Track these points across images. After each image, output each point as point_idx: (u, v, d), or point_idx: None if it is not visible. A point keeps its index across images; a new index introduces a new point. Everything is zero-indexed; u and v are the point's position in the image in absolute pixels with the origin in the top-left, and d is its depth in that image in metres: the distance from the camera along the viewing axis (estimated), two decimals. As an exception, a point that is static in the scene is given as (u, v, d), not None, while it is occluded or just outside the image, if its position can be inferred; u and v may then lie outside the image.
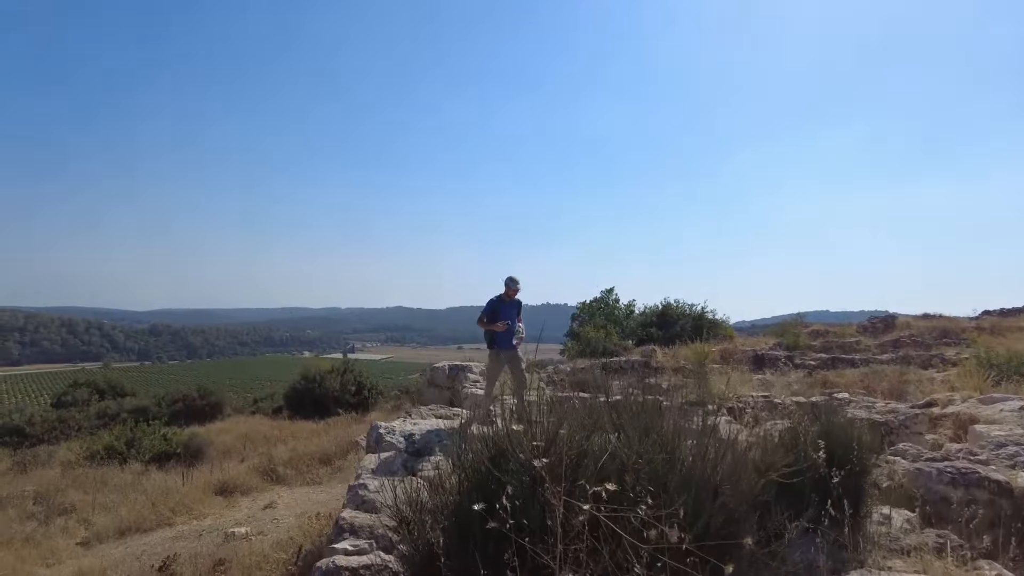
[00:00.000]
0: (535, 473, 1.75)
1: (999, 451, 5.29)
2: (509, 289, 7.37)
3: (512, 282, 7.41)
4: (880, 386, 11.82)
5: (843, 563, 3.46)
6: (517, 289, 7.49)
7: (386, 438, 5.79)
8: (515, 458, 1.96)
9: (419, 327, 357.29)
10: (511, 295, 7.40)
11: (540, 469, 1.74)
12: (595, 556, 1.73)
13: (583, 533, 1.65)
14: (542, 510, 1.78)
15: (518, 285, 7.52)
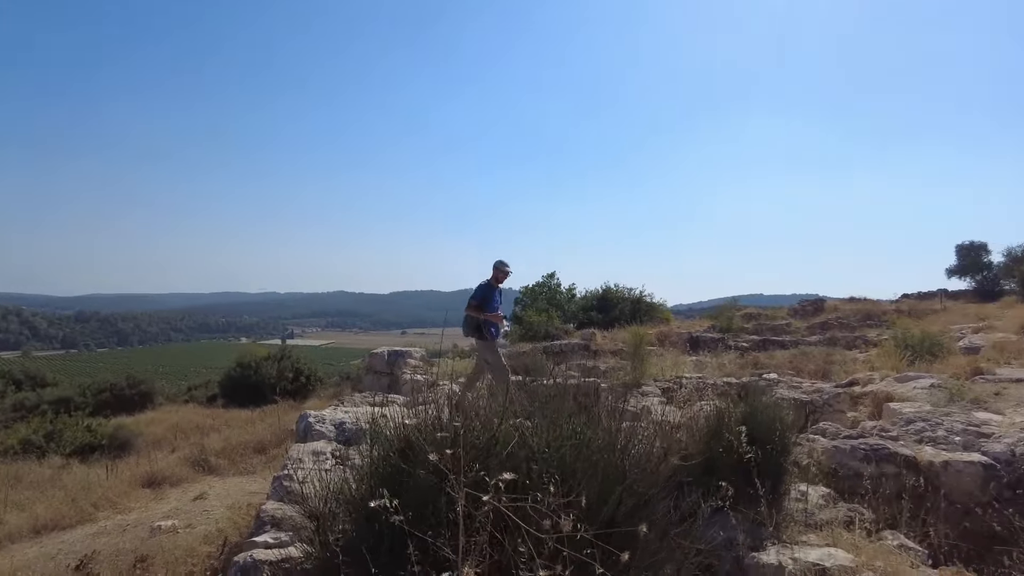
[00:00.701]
0: (438, 465, 1.72)
1: (908, 427, 5.57)
2: (499, 273, 6.80)
3: (503, 266, 6.82)
4: (808, 367, 12.32)
5: (760, 539, 3.58)
6: (508, 274, 6.90)
7: (315, 427, 5.67)
8: (421, 450, 1.93)
9: (362, 312, 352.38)
10: (501, 280, 6.85)
11: (441, 461, 1.71)
12: (499, 548, 1.72)
13: (486, 525, 1.63)
14: (448, 502, 1.76)
15: (510, 269, 6.91)
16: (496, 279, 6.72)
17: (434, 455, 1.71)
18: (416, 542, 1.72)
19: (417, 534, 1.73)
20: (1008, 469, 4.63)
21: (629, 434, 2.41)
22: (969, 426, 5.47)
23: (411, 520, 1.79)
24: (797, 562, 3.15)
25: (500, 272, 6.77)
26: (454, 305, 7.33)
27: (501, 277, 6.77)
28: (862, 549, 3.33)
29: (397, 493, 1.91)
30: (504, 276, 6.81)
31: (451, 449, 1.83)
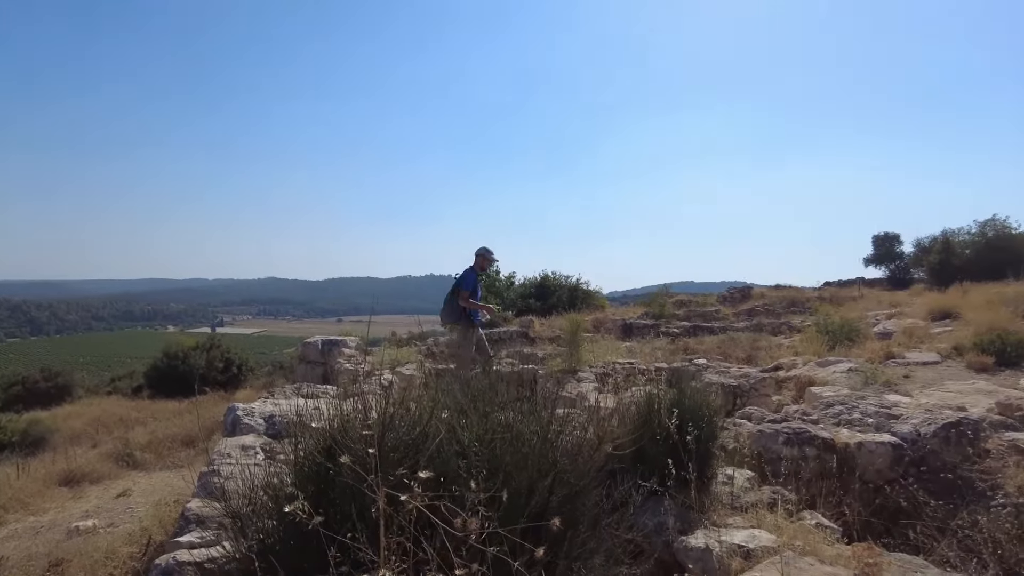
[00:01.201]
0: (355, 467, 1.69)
1: (827, 410, 5.86)
2: (484, 260, 6.89)
3: (489, 253, 6.93)
4: (735, 352, 12.76)
5: (689, 523, 3.69)
6: (493, 261, 7.04)
7: (244, 420, 5.49)
8: (346, 448, 1.89)
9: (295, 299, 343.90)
10: (485, 267, 6.97)
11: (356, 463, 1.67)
12: (422, 547, 1.70)
13: (408, 524, 1.61)
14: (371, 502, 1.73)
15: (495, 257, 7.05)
16: (480, 266, 6.85)
17: (346, 457, 1.67)
18: (338, 543, 1.68)
19: (336, 535, 1.70)
20: (914, 448, 4.94)
21: (562, 424, 2.43)
22: (881, 408, 5.79)
23: (335, 520, 1.76)
24: (723, 544, 3.26)
25: (484, 259, 6.88)
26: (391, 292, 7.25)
27: (485, 264, 6.93)
28: (784, 529, 3.49)
29: (322, 492, 1.87)
30: (488, 264, 6.96)
31: (374, 448, 1.80)
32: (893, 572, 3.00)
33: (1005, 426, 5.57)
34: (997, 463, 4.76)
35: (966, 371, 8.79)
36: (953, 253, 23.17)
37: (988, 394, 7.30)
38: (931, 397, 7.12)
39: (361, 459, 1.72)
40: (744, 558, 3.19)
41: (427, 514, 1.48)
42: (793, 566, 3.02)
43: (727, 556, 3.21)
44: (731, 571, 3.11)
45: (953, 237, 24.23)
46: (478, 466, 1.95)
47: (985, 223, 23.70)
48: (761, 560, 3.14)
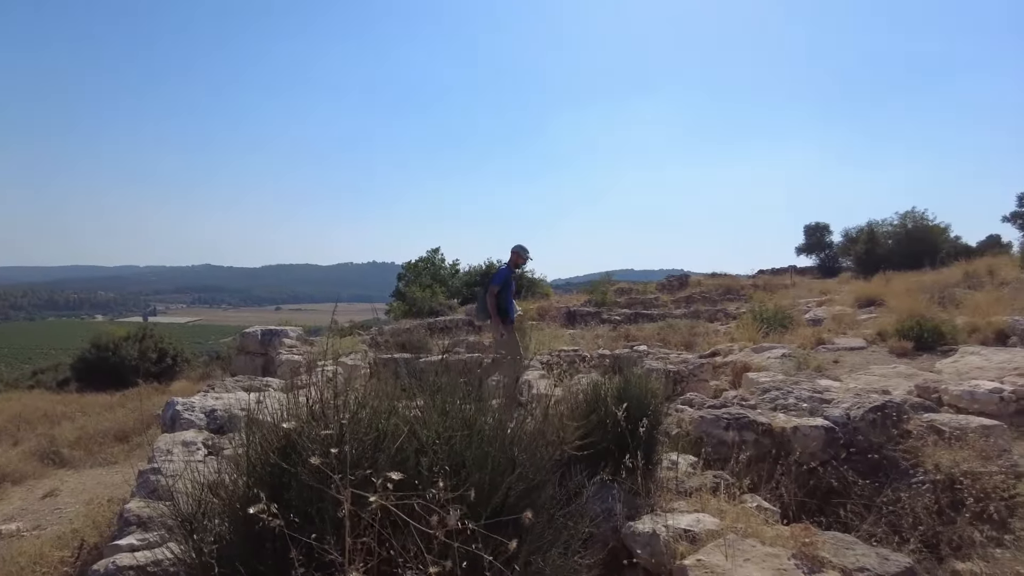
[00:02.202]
0: (321, 467, 1.67)
1: (764, 396, 6.10)
2: (519, 258, 6.92)
3: (524, 251, 6.95)
4: (674, 339, 13.11)
5: (637, 509, 3.80)
6: (528, 259, 7.10)
7: (184, 415, 5.32)
8: (305, 449, 1.86)
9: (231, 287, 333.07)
10: (520, 264, 7.00)
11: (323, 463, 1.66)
12: (388, 546, 1.70)
13: (373, 524, 1.61)
14: (334, 503, 1.72)
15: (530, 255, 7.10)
16: (514, 262, 6.88)
17: (316, 459, 1.65)
18: (300, 545, 1.66)
19: (301, 537, 1.68)
20: (844, 431, 5.20)
21: (520, 420, 2.46)
22: (814, 393, 6.07)
23: (295, 522, 1.73)
24: (670, 529, 3.38)
25: (520, 257, 6.94)
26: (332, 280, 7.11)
27: (520, 261, 6.99)
28: (726, 513, 3.63)
29: (279, 494, 1.84)
30: (523, 261, 7.00)
31: (336, 448, 1.78)
32: (827, 550, 3.17)
33: (924, 407, 5.93)
34: (917, 443, 5.07)
35: (889, 356, 9.31)
36: (877, 243, 24.38)
37: (908, 377, 7.75)
38: (858, 381, 7.50)
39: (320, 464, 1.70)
40: (690, 542, 3.31)
41: (397, 513, 1.48)
42: (736, 548, 3.15)
43: (673, 540, 3.32)
44: (677, 555, 3.22)
45: (877, 228, 25.50)
46: (439, 464, 1.96)
47: (905, 215, 25.05)
48: (706, 543, 3.26)
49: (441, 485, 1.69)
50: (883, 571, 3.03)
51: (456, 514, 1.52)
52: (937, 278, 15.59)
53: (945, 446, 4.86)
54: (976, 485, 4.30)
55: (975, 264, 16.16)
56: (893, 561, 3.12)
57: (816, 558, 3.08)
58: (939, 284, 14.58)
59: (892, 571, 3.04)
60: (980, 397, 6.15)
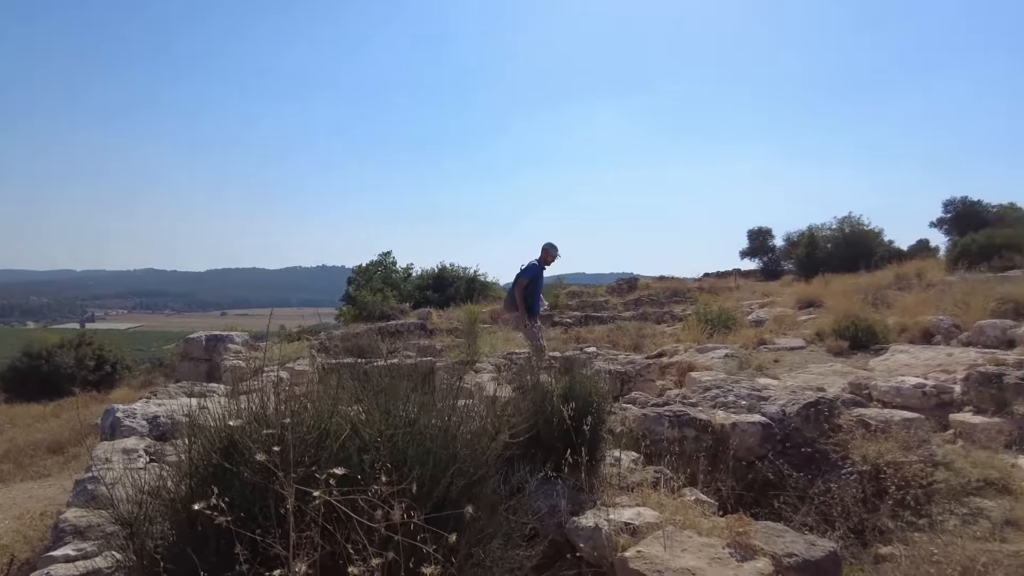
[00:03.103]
0: (265, 463, 1.71)
1: (706, 394, 6.32)
2: (549, 255, 7.02)
3: (554, 248, 7.07)
4: (623, 340, 13.37)
5: (581, 504, 3.91)
6: (557, 257, 7.19)
7: (125, 422, 5.18)
8: (247, 448, 1.89)
9: (175, 292, 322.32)
10: (550, 261, 7.06)
11: (268, 460, 1.70)
12: (330, 540, 1.75)
13: (317, 519, 1.65)
14: (278, 499, 1.75)
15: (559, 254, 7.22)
16: (544, 259, 6.97)
17: (262, 455, 1.68)
18: (245, 541, 1.69)
19: (246, 533, 1.71)
20: (780, 427, 5.44)
21: (462, 416, 2.52)
22: (753, 391, 6.32)
23: (239, 520, 1.76)
24: (612, 523, 3.49)
25: (549, 255, 7.05)
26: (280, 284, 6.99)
27: (550, 259, 7.09)
28: (666, 506, 3.77)
29: (222, 493, 1.87)
30: (553, 259, 7.11)
31: (278, 447, 1.82)
32: (759, 538, 3.33)
33: (855, 403, 6.24)
34: (847, 436, 5.34)
35: (826, 355, 9.73)
36: (817, 247, 25.34)
37: (843, 375, 8.13)
38: (796, 379, 7.83)
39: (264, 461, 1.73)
40: (631, 534, 3.43)
41: (340, 508, 1.53)
42: (674, 539, 3.29)
43: (615, 533, 3.44)
44: (619, 547, 3.34)
45: (817, 232, 26.50)
46: (381, 461, 2.00)
47: (843, 220, 26.11)
48: (646, 535, 3.39)
49: (384, 480, 1.74)
50: (810, 556, 3.21)
51: (400, 508, 1.57)
52: (871, 280, 16.32)
53: (872, 438, 5.14)
54: (898, 474, 4.58)
55: (905, 267, 16.98)
56: (819, 546, 3.30)
57: (749, 546, 3.24)
58: (873, 286, 15.27)
59: (818, 555, 3.22)
60: (905, 392, 6.51)
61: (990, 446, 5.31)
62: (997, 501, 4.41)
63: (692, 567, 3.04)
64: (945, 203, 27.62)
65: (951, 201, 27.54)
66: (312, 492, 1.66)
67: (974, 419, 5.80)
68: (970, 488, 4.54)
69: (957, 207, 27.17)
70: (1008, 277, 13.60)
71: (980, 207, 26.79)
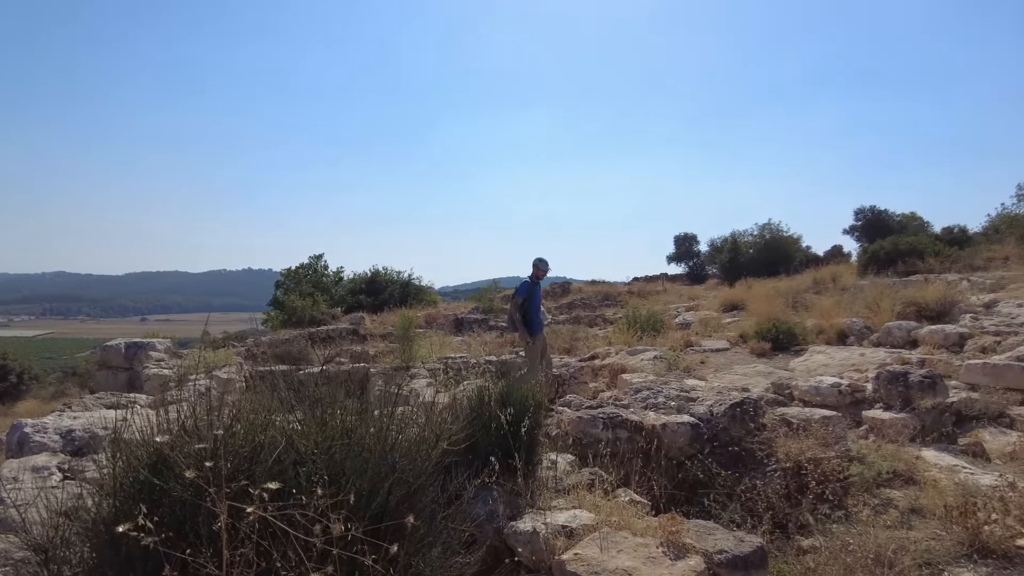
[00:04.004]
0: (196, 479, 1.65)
1: (637, 395, 6.47)
2: (540, 270, 7.04)
3: (544, 264, 7.09)
4: (557, 343, 13.53)
5: (518, 509, 3.93)
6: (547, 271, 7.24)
7: (35, 438, 4.86)
8: (177, 463, 1.81)
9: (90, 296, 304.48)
10: (541, 276, 7.05)
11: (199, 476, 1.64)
12: (266, 557, 1.70)
13: (251, 536, 1.60)
14: (209, 516, 1.69)
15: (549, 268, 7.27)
16: (536, 276, 6.92)
17: (192, 472, 1.62)
18: (175, 562, 1.62)
19: (175, 554, 1.64)
20: (709, 426, 5.63)
21: (400, 426, 2.50)
22: (682, 392, 6.52)
23: (168, 539, 1.68)
24: (548, 526, 3.53)
25: (539, 269, 7.12)
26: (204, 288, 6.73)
27: (541, 274, 7.08)
28: (601, 507, 3.84)
29: (150, 512, 1.79)
30: (543, 273, 7.17)
31: (210, 461, 1.75)
32: (691, 536, 3.44)
33: (777, 402, 6.54)
34: (771, 435, 5.58)
35: (750, 356, 10.14)
36: (740, 252, 26.38)
37: (766, 376, 8.49)
38: (722, 380, 8.13)
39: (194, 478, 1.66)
40: (568, 537, 3.48)
41: (276, 524, 1.49)
42: (610, 540, 3.35)
43: (552, 537, 3.48)
44: (556, 550, 3.38)
45: (740, 238, 27.59)
46: (318, 473, 1.96)
47: (763, 226, 27.29)
48: (583, 537, 3.44)
49: (320, 493, 1.71)
50: (739, 551, 3.34)
51: (339, 520, 1.54)
52: (791, 284, 17.11)
53: (794, 436, 5.39)
54: (818, 470, 4.82)
55: (822, 271, 17.90)
56: (748, 542, 3.44)
57: (681, 544, 3.34)
58: (792, 290, 16.02)
59: (747, 551, 3.36)
60: (823, 391, 6.86)
61: (898, 440, 5.67)
62: (904, 491, 4.71)
63: (628, 567, 3.11)
64: (856, 211, 29.31)
65: (861, 209, 29.25)
66: (246, 508, 1.61)
67: (884, 415, 6.17)
68: (881, 480, 4.84)
69: (866, 215, 28.86)
70: (911, 281, 14.56)
71: (887, 215, 28.57)
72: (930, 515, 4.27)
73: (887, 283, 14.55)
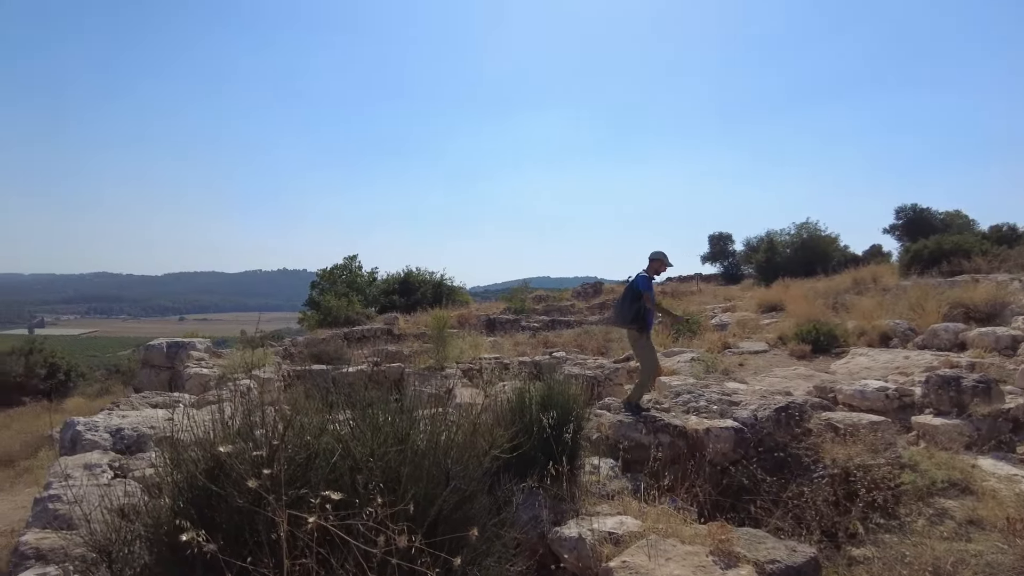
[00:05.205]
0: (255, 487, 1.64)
1: (677, 399, 6.38)
2: (660, 265, 6.75)
3: (665, 257, 6.80)
4: (590, 344, 13.42)
5: (562, 514, 3.89)
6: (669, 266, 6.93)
7: (86, 436, 4.97)
8: (236, 471, 1.81)
9: (130, 296, 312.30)
10: (660, 272, 6.80)
11: (259, 484, 1.63)
12: (326, 567, 1.69)
13: (311, 545, 1.59)
14: (268, 524, 1.68)
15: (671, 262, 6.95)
16: (655, 270, 6.63)
17: (254, 482, 1.61)
18: (235, 569, 1.62)
19: (235, 561, 1.63)
20: (752, 431, 5.52)
21: (451, 431, 2.47)
22: (723, 395, 6.40)
23: (227, 547, 1.68)
24: (595, 532, 3.48)
25: (661, 263, 6.77)
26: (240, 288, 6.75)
27: (661, 269, 6.75)
28: (647, 514, 3.78)
29: (208, 517, 1.79)
30: (664, 268, 6.82)
31: (268, 468, 1.75)
32: (741, 545, 3.36)
33: (822, 407, 6.38)
34: (817, 440, 5.45)
35: (789, 358, 9.93)
36: (776, 252, 25.85)
37: (807, 378, 8.30)
38: (763, 383, 7.96)
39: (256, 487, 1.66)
40: (614, 544, 3.43)
41: (336, 533, 1.47)
42: (658, 548, 3.29)
43: (599, 543, 3.43)
44: (603, 557, 3.33)
45: (776, 237, 27.04)
46: (375, 481, 1.95)
47: (801, 226, 26.71)
48: (630, 544, 3.39)
49: (380, 502, 1.69)
50: (791, 562, 3.25)
51: (405, 535, 1.52)
52: (829, 285, 16.71)
53: (840, 442, 5.25)
54: (867, 477, 4.68)
55: (862, 271, 17.43)
56: (800, 552, 3.35)
57: (732, 554, 3.26)
58: (831, 290, 15.64)
59: (799, 561, 3.27)
60: (869, 395, 6.67)
61: (951, 447, 5.48)
62: (960, 501, 4.54)
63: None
64: (897, 210, 28.52)
65: (902, 208, 28.45)
66: (306, 517, 1.60)
67: (935, 421, 5.97)
68: (935, 489, 4.67)
69: (908, 213, 28.07)
70: (956, 282, 14.09)
71: (929, 214, 27.74)
72: (990, 527, 4.10)
73: (931, 283, 14.12)
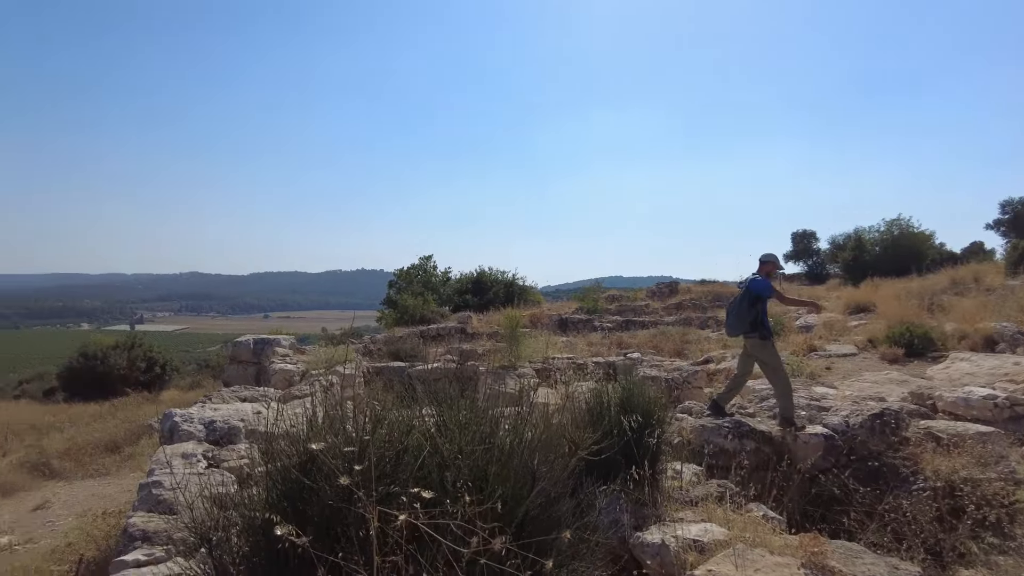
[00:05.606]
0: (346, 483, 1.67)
1: (762, 404, 6.14)
2: (772, 267, 6.70)
3: (777, 259, 6.76)
4: (666, 345, 13.15)
5: (644, 519, 3.80)
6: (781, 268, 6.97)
7: (182, 427, 5.26)
8: (328, 466, 1.85)
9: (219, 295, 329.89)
10: (771, 273, 6.75)
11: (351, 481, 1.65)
12: (414, 563, 1.70)
13: (400, 542, 1.60)
14: (358, 520, 1.71)
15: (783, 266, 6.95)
16: (767, 272, 6.64)
17: (346, 479, 1.64)
18: (327, 564, 1.66)
19: (327, 556, 1.67)
20: (844, 438, 5.25)
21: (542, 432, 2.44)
22: (812, 400, 6.12)
23: (317, 541, 1.72)
24: (678, 539, 3.38)
25: (773, 266, 6.70)
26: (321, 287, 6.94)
27: (772, 271, 6.69)
28: (734, 522, 3.64)
29: (300, 511, 1.83)
30: (776, 270, 6.77)
31: (359, 464, 1.77)
32: (836, 559, 3.19)
33: (920, 414, 5.99)
34: (916, 450, 5.12)
35: (880, 362, 9.40)
36: (864, 250, 24.57)
37: (901, 384, 7.83)
38: (852, 388, 7.57)
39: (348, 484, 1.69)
40: (699, 552, 3.32)
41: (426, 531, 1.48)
42: (745, 558, 3.16)
43: (683, 550, 3.33)
44: (687, 565, 3.23)
45: (864, 235, 25.71)
46: (463, 479, 1.95)
47: (892, 222, 25.28)
48: (715, 553, 3.27)
49: (468, 500, 1.69)
50: (893, 580, 3.06)
51: (502, 538, 1.51)
52: (924, 284, 15.75)
53: (943, 453, 4.91)
54: (976, 492, 4.35)
55: (961, 271, 16.34)
56: (903, 570, 3.14)
57: (826, 567, 3.10)
58: (926, 290, 14.73)
59: (901, 580, 3.07)
60: (975, 404, 6.22)
61: (1072, 463, 5.04)
62: (1085, 522, 4.17)
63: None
64: (1002, 204, 26.58)
65: (1008, 202, 26.49)
66: (396, 514, 1.61)
67: (1052, 433, 5.51)
68: (1055, 508, 4.30)
69: (1015, 208, 26.10)
70: (1073, 281, 13.00)
71: (1039, 208, 25.73)
72: (1119, 551, 3.75)
73: (1043, 283, 13.08)
